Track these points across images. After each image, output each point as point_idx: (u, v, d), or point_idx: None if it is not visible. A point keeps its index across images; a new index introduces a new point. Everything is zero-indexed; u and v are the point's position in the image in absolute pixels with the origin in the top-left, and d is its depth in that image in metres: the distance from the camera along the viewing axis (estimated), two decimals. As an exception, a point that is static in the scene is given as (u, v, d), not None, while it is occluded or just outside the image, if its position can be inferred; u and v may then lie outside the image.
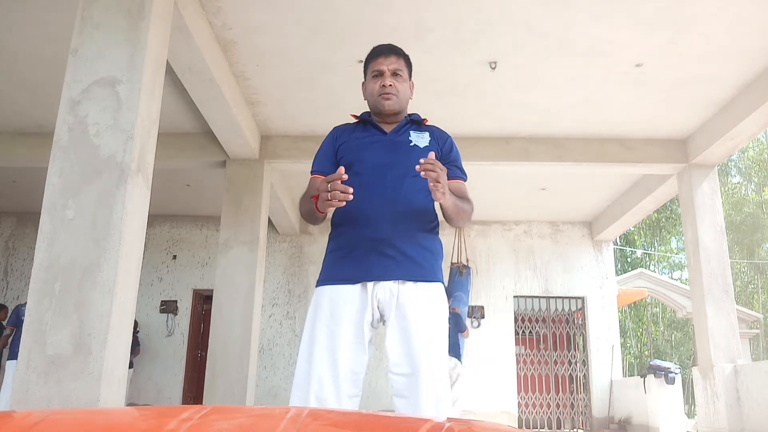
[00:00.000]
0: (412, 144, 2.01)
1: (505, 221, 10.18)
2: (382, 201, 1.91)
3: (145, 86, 3.62)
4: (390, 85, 2.02)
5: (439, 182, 1.74)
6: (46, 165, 3.48)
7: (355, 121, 2.14)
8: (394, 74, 2.04)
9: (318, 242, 9.96)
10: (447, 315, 1.93)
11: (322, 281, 1.93)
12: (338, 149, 2.06)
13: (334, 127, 2.15)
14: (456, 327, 6.47)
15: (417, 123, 2.09)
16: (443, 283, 1.96)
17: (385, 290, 1.84)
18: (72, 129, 3.49)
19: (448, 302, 6.59)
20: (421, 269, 1.88)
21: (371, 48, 2.12)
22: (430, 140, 2.04)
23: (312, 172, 2.09)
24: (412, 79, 2.17)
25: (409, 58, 2.12)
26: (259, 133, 7.02)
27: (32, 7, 4.83)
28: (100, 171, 3.43)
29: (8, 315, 8.43)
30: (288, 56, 5.51)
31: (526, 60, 5.56)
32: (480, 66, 5.66)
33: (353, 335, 1.82)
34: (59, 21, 4.89)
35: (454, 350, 6.44)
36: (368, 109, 2.13)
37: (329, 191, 1.75)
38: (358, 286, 1.86)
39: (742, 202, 23.36)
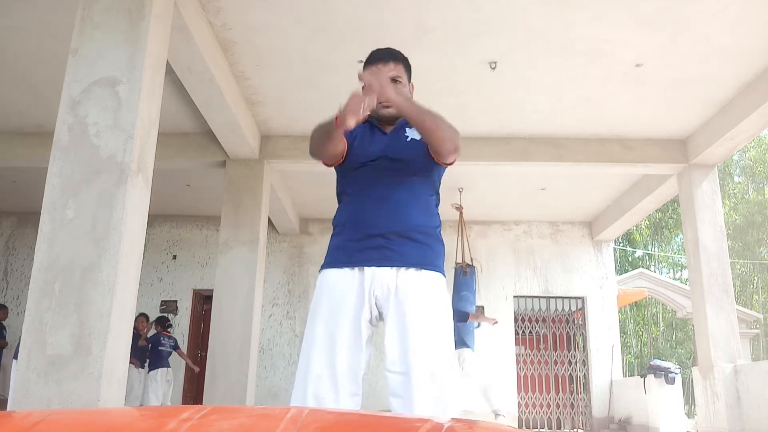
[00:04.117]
0: (409, 139, 2.03)
1: (505, 221, 10.18)
2: (381, 198, 1.93)
3: (145, 86, 3.63)
4: None
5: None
6: (46, 165, 3.48)
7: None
8: (394, 80, 2.03)
9: (318, 242, 9.96)
10: (449, 309, 1.91)
11: (323, 266, 1.97)
12: (349, 135, 2.04)
13: None
14: (459, 320, 6.48)
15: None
16: (444, 274, 1.95)
17: (383, 287, 1.84)
18: (72, 129, 3.49)
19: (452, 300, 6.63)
20: (419, 256, 1.89)
21: (370, 52, 2.11)
22: None
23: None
24: (412, 81, 2.17)
25: (408, 61, 2.12)
26: (259, 133, 7.02)
27: (32, 7, 4.83)
28: (100, 171, 3.43)
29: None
30: (288, 56, 5.51)
31: (526, 60, 5.56)
32: (480, 66, 5.66)
33: (351, 334, 1.83)
34: (59, 21, 4.89)
35: (461, 342, 6.45)
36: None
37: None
38: (356, 279, 1.86)
39: (743, 202, 23.36)
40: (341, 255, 1.93)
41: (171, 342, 8.17)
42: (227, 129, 6.28)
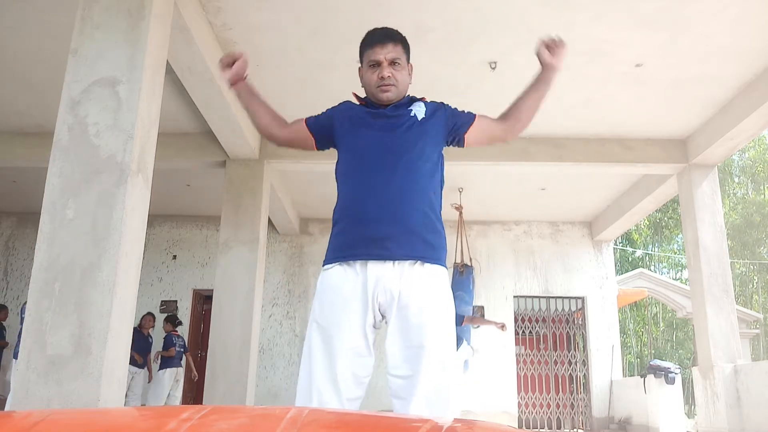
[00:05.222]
0: (412, 113, 1.98)
1: (505, 221, 10.18)
2: (382, 186, 1.86)
3: (145, 86, 3.63)
4: (389, 76, 1.95)
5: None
6: (46, 165, 3.48)
7: (358, 102, 2.09)
8: (392, 63, 1.97)
9: (318, 242, 9.96)
10: (452, 306, 1.86)
11: (325, 263, 1.91)
12: (336, 119, 2.04)
13: (345, 101, 2.11)
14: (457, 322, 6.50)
15: (417, 102, 2.06)
16: (446, 267, 1.90)
17: (386, 292, 1.80)
18: (72, 129, 3.49)
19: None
20: (422, 250, 1.83)
21: (366, 32, 2.02)
22: (425, 110, 2.02)
23: (305, 118, 2.11)
24: (411, 63, 2.09)
25: (406, 41, 2.04)
26: (258, 133, 7.01)
27: (33, 7, 4.83)
28: (100, 171, 3.43)
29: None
30: (288, 56, 5.52)
31: (526, 60, 5.53)
32: (480, 66, 5.66)
33: (354, 339, 1.79)
34: (60, 21, 4.89)
35: (459, 341, 6.46)
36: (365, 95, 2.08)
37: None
38: (359, 281, 1.81)
39: (743, 203, 23.37)
40: (342, 250, 1.86)
41: (181, 341, 8.17)
42: (227, 129, 6.28)
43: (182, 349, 8.13)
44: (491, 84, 5.96)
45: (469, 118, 2.08)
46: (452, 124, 2.05)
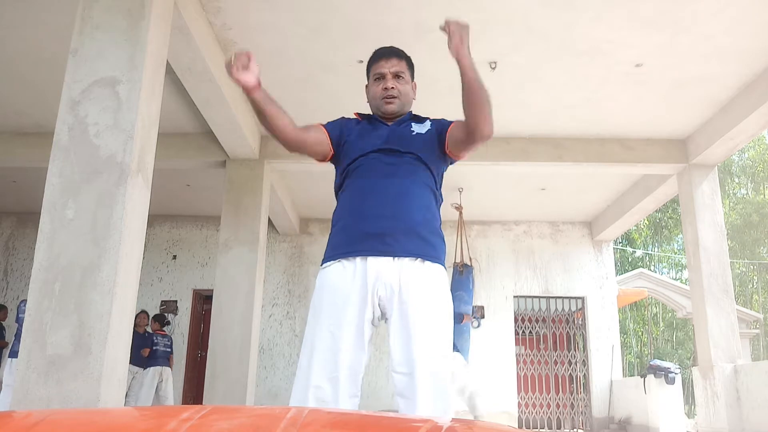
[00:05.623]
0: (414, 132, 2.04)
1: (505, 221, 10.17)
2: (381, 190, 1.92)
3: (145, 86, 3.63)
4: (392, 88, 2.05)
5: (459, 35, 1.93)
6: (46, 165, 3.48)
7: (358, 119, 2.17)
8: (396, 76, 2.06)
9: (318, 242, 9.96)
10: (450, 303, 1.90)
11: (323, 261, 1.94)
12: (346, 126, 2.10)
13: (342, 117, 2.18)
14: (454, 321, 6.53)
15: (419, 120, 2.13)
16: (445, 267, 1.93)
17: (387, 287, 1.82)
18: (72, 129, 3.49)
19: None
20: (421, 247, 1.87)
21: (373, 51, 2.13)
22: (430, 125, 2.09)
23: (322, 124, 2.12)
24: (415, 79, 2.18)
25: (410, 60, 2.14)
26: (259, 133, 7.02)
27: (32, 7, 4.83)
28: (100, 171, 3.43)
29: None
30: (288, 56, 5.51)
31: (526, 60, 5.55)
32: (480, 66, 5.64)
33: (354, 335, 1.81)
34: (59, 21, 4.89)
35: (454, 348, 6.49)
36: (371, 111, 2.16)
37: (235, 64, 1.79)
38: (359, 277, 1.83)
39: (742, 203, 23.37)
40: (341, 247, 1.90)
41: (166, 341, 8.15)
42: (227, 129, 6.28)
43: (168, 349, 8.12)
44: (491, 84, 5.89)
45: (449, 122, 2.12)
46: (440, 129, 2.09)
